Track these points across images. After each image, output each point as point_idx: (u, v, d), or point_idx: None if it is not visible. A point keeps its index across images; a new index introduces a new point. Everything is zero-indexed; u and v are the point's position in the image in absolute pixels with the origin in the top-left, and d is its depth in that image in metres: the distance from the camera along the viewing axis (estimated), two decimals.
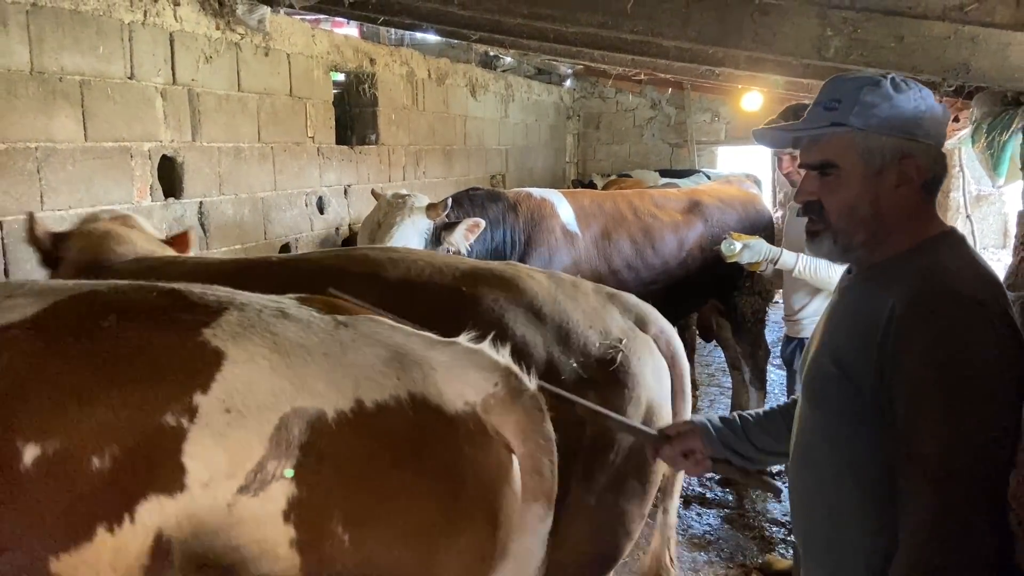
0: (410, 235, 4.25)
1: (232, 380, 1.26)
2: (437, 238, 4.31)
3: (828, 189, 1.51)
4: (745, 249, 3.75)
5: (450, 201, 4.27)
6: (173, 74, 4.03)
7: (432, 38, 7.42)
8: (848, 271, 1.64)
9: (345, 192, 5.70)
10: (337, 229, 5.58)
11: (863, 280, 1.56)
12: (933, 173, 1.48)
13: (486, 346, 1.48)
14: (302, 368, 1.31)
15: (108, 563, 1.21)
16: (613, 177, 8.66)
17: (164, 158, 4.03)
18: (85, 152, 3.57)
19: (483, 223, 4.33)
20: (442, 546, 1.35)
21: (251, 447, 1.23)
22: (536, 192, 5.03)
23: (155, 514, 1.21)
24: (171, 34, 4.00)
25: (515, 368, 1.46)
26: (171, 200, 4.09)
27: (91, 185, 3.60)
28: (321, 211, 5.41)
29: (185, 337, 1.31)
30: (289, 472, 1.25)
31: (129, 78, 3.78)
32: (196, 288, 1.48)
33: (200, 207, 4.28)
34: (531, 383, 1.47)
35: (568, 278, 2.41)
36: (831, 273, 3.35)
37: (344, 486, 1.28)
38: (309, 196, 5.28)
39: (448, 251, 4.38)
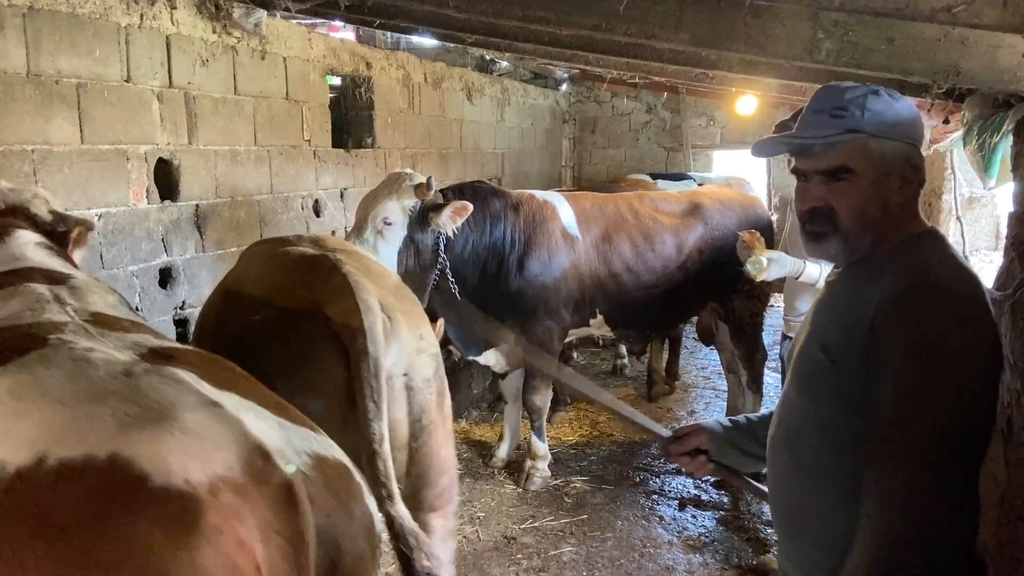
0: (394, 209, 4.28)
1: None
2: (424, 217, 4.34)
3: (839, 194, 1.58)
4: (772, 264, 3.72)
5: (432, 180, 4.30)
6: (169, 77, 4.04)
7: (429, 43, 7.44)
8: (836, 265, 1.72)
9: (341, 195, 5.71)
10: (333, 232, 5.58)
11: (851, 274, 1.64)
12: (923, 173, 1.58)
13: (251, 415, 1.28)
14: (15, 414, 1.20)
15: None
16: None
17: (160, 161, 4.04)
18: (82, 155, 3.57)
19: (471, 207, 4.36)
20: None
21: None
22: (539, 194, 5.06)
23: None
24: (168, 37, 4.01)
25: (269, 448, 1.22)
26: (167, 203, 4.10)
27: (88, 188, 3.61)
28: (317, 214, 5.42)
29: None
30: None
31: (126, 81, 3.79)
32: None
33: (196, 210, 4.29)
34: (287, 468, 1.24)
35: None
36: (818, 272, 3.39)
37: None
38: (305, 199, 5.29)
39: (436, 233, 4.41)
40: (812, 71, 2.57)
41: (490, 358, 4.99)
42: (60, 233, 2.26)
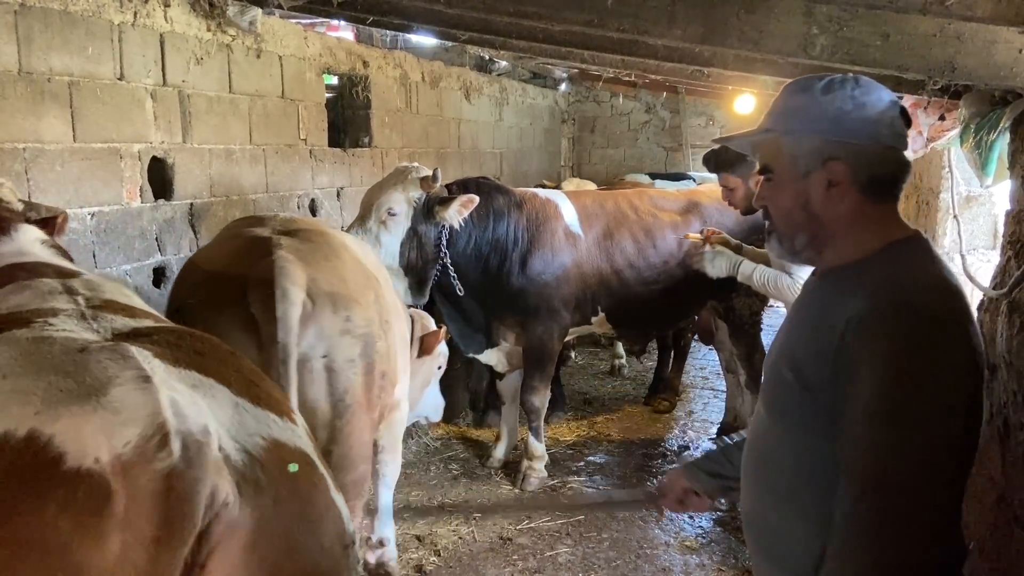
0: (399, 200, 4.27)
1: None
2: (429, 211, 4.32)
3: (769, 194, 1.53)
4: (718, 257, 3.84)
5: (439, 172, 4.29)
6: (163, 75, 4.02)
7: (427, 43, 7.43)
8: (813, 272, 1.63)
9: (338, 195, 5.70)
10: None
11: (823, 284, 1.55)
12: (870, 173, 1.44)
13: (190, 392, 1.22)
14: None
15: None
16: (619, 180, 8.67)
17: (154, 159, 4.02)
18: (74, 153, 3.55)
19: (477, 199, 4.35)
20: None
21: None
22: (542, 193, 5.05)
23: None
24: (161, 35, 3.99)
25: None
26: (161, 201, 4.08)
27: (80, 186, 3.59)
28: (314, 213, 5.40)
29: None
30: None
31: (119, 79, 3.77)
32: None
33: (190, 209, 4.27)
34: (233, 454, 1.19)
35: None
36: (782, 285, 3.40)
37: None
38: (301, 198, 5.28)
39: (440, 227, 4.39)
40: (807, 67, 2.54)
41: (491, 357, 4.97)
42: (37, 222, 2.22)
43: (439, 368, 4.15)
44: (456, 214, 4.32)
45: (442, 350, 4.06)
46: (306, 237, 2.65)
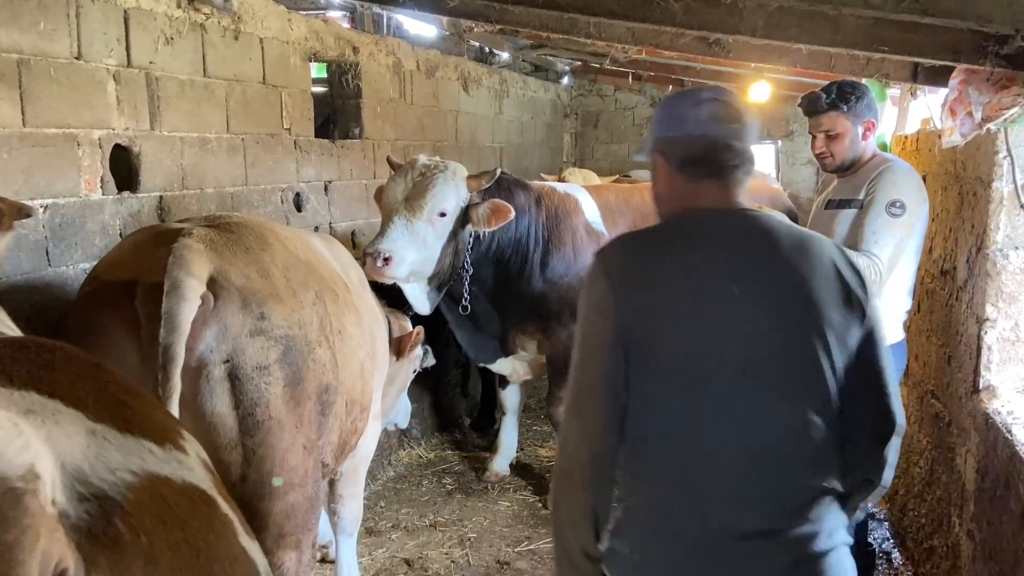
0: (452, 201, 3.90)
1: None
2: (465, 214, 3.98)
3: None
4: None
5: (498, 171, 3.94)
6: (128, 55, 3.67)
7: (426, 34, 7.10)
8: None
9: (325, 188, 5.34)
10: (317, 228, 5.21)
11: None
12: (680, 157, 1.72)
13: (26, 419, 0.90)
14: None
15: None
16: (616, 177, 8.34)
17: (118, 148, 3.66)
18: (23, 139, 3.20)
19: (512, 211, 3.99)
20: None
21: None
22: (560, 187, 4.68)
23: None
24: (126, 11, 3.63)
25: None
26: (126, 194, 3.72)
27: (31, 176, 3.24)
28: (299, 208, 5.05)
29: None
30: None
31: (76, 58, 3.41)
32: None
33: (160, 202, 3.91)
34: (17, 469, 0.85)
35: None
36: (859, 265, 2.98)
37: None
38: (285, 192, 4.92)
39: (471, 233, 4.04)
40: (859, 29, 2.18)
41: (506, 366, 4.58)
42: None
43: (413, 372, 3.81)
44: (485, 221, 3.95)
45: (417, 353, 3.71)
46: (228, 227, 2.28)
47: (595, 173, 7.68)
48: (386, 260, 3.67)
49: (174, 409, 1.84)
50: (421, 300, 4.03)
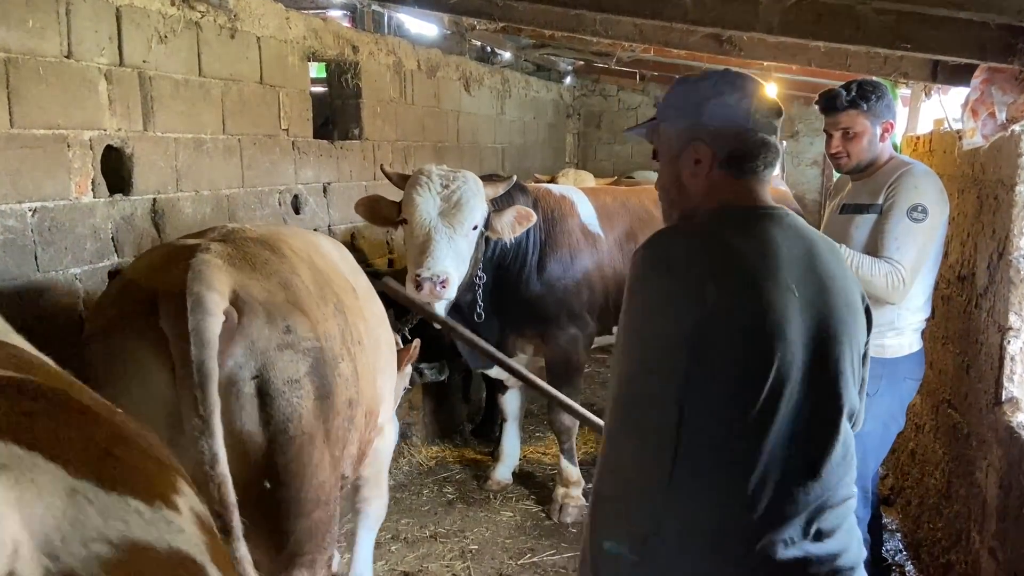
0: (478, 210, 3.81)
1: None
2: (487, 221, 3.89)
3: (659, 175, 1.74)
4: None
5: (514, 179, 3.84)
6: (120, 54, 3.56)
7: (427, 33, 7.00)
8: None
9: (324, 190, 5.24)
10: (316, 230, 5.10)
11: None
12: (729, 151, 1.60)
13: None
14: None
15: None
16: (616, 178, 8.24)
17: (110, 149, 3.56)
18: (11, 140, 3.09)
19: (534, 216, 3.90)
20: None
21: None
22: (556, 188, 4.59)
23: None
24: (118, 8, 3.53)
25: None
26: (118, 196, 3.61)
27: (19, 177, 3.13)
28: (297, 211, 4.94)
29: None
30: None
31: (66, 57, 3.31)
32: None
33: (153, 204, 3.81)
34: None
35: None
36: (877, 272, 2.83)
37: None
38: (283, 194, 4.81)
39: (493, 242, 3.95)
40: (881, 26, 2.07)
41: (503, 371, 4.48)
42: None
43: (404, 389, 3.72)
44: (510, 228, 3.86)
45: (407, 370, 3.63)
46: (244, 242, 2.20)
47: (592, 175, 7.55)
48: (443, 283, 3.59)
49: (217, 431, 1.76)
50: (440, 313, 3.93)
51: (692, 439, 1.44)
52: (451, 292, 3.67)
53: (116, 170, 3.63)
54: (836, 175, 3.69)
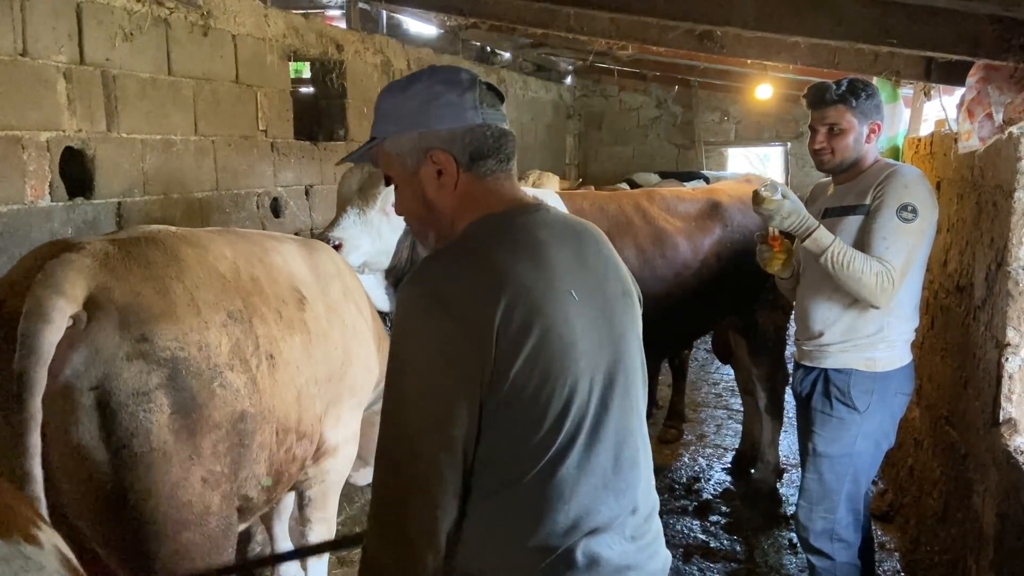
0: None
1: None
2: None
3: (399, 200, 1.53)
4: (786, 201, 2.72)
5: None
6: (81, 52, 3.43)
7: (426, 33, 6.87)
8: None
9: (307, 193, 5.10)
10: (297, 233, 4.96)
11: None
12: (470, 152, 1.45)
13: None
14: None
15: None
16: (580, 180, 8.06)
17: (69, 151, 3.43)
18: None
19: None
20: None
21: None
22: (529, 191, 4.43)
23: None
24: (78, 4, 3.40)
25: None
26: (79, 200, 3.48)
27: None
28: (276, 214, 4.80)
29: None
30: None
31: (21, 55, 3.18)
32: None
33: (118, 209, 3.67)
34: None
35: None
36: (867, 270, 2.62)
37: None
38: (261, 197, 4.67)
39: None
40: (864, 19, 1.90)
41: None
42: None
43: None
44: None
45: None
46: (135, 243, 2.03)
47: (558, 178, 7.24)
48: (337, 247, 3.45)
49: (34, 451, 1.64)
50: (379, 294, 3.80)
51: (487, 479, 1.35)
52: (350, 259, 3.53)
53: (78, 173, 3.50)
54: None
